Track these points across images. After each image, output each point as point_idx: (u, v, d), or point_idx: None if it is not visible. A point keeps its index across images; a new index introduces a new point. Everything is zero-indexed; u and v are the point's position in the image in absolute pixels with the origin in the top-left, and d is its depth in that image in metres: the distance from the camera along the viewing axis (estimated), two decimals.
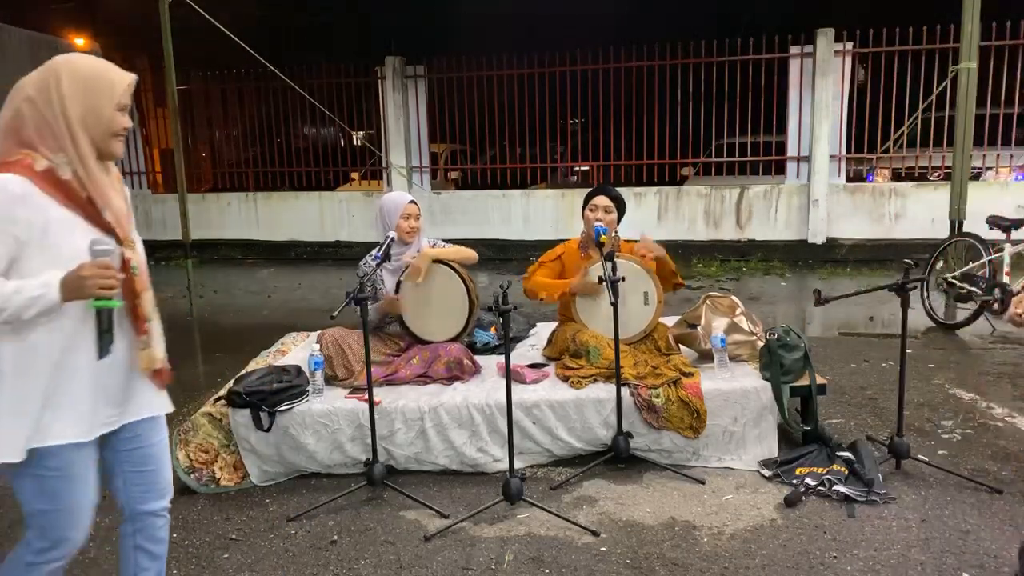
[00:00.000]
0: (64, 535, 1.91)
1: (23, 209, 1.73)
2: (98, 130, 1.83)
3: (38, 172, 1.78)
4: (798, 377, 3.48)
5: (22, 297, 1.71)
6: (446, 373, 3.61)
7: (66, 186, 1.80)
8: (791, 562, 2.66)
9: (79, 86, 1.81)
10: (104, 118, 1.84)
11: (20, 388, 1.79)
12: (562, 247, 3.92)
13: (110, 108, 1.84)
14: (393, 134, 10.64)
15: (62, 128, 1.79)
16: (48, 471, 1.84)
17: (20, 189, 1.73)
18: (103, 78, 1.85)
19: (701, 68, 9.66)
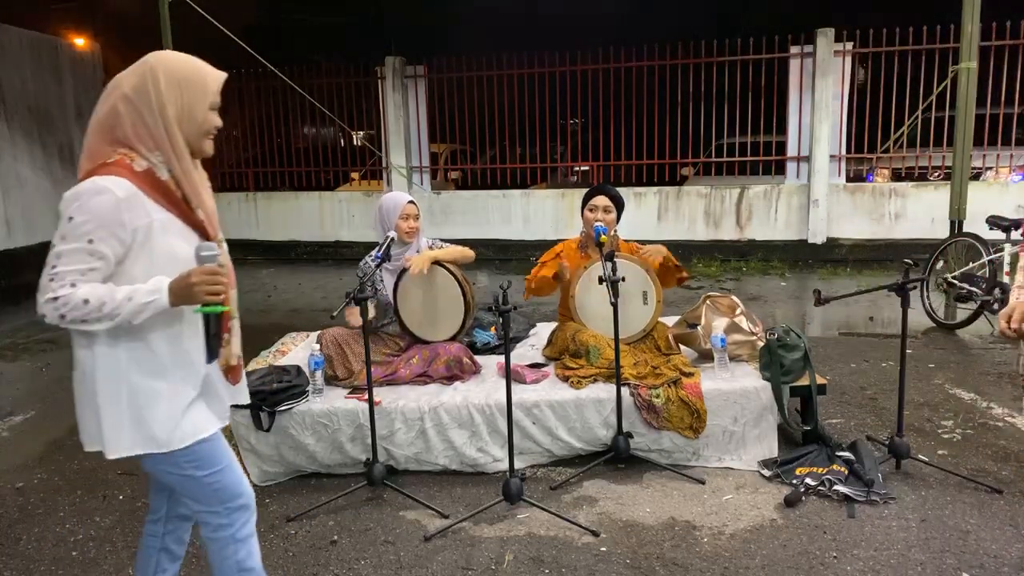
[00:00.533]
0: (241, 487, 1.99)
1: (128, 213, 1.74)
2: (192, 129, 1.85)
3: (138, 173, 1.78)
4: (798, 377, 3.48)
5: (134, 303, 1.74)
6: (446, 372, 3.61)
7: (165, 187, 1.81)
8: (791, 562, 2.66)
9: (175, 85, 1.82)
10: (199, 117, 1.86)
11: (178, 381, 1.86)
12: (560, 246, 3.92)
13: (204, 107, 1.86)
14: (393, 134, 10.64)
15: (160, 127, 1.80)
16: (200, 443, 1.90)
17: (125, 192, 1.74)
18: (198, 77, 1.86)
19: (701, 68, 9.66)
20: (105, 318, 1.73)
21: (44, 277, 1.73)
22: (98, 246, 1.73)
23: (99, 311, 1.72)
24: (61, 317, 1.72)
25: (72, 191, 1.75)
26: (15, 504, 3.39)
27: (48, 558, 2.91)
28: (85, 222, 1.71)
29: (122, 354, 1.82)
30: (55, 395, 5.00)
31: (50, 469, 3.77)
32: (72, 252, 1.72)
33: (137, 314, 1.75)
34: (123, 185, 1.74)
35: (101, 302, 1.72)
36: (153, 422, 1.83)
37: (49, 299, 1.71)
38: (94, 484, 3.56)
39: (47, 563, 2.88)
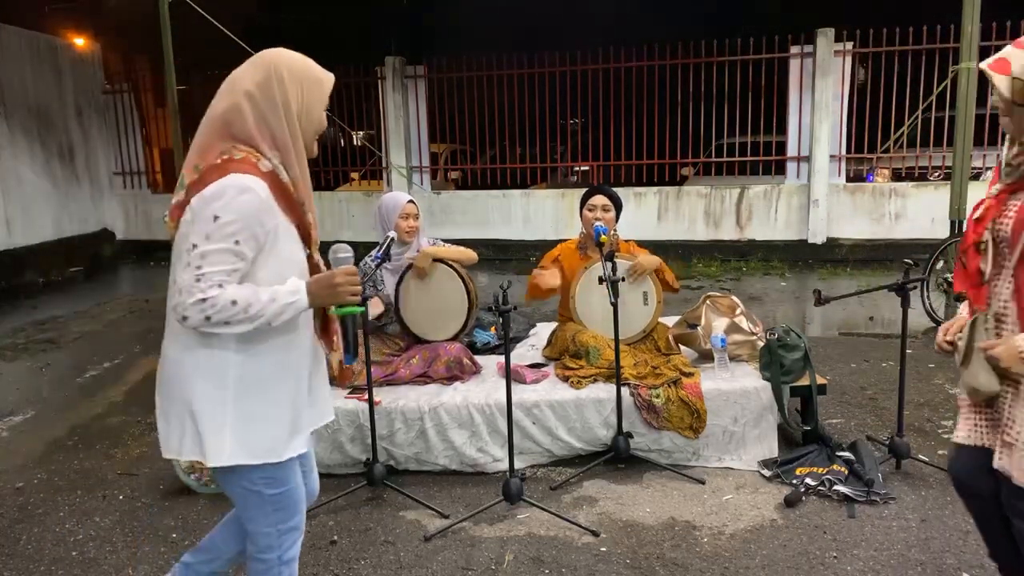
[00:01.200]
0: (299, 512, 1.96)
1: (267, 215, 1.74)
2: (310, 128, 1.85)
3: (264, 173, 1.76)
4: (798, 377, 3.48)
5: (277, 304, 1.73)
6: (446, 373, 3.61)
7: (286, 189, 1.80)
8: (791, 562, 2.66)
9: (297, 83, 1.81)
10: (315, 117, 1.85)
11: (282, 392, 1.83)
12: (559, 249, 3.92)
13: (320, 107, 1.86)
14: (393, 134, 10.64)
15: (283, 125, 1.78)
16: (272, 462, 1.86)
17: (265, 193, 1.73)
18: (316, 76, 1.85)
19: (701, 68, 9.65)
20: (249, 320, 1.71)
21: (187, 277, 1.68)
22: (243, 247, 1.70)
23: (245, 312, 1.70)
24: (207, 319, 1.68)
25: (213, 189, 1.69)
26: (15, 504, 3.39)
27: (48, 558, 2.91)
28: (232, 222, 1.68)
29: (231, 359, 1.78)
30: (55, 395, 5.00)
31: (50, 469, 3.77)
32: (219, 252, 1.68)
33: (279, 315, 1.74)
34: (262, 186, 1.73)
35: (248, 303, 1.70)
36: (252, 433, 1.80)
37: (198, 300, 1.67)
38: (94, 484, 3.56)
39: (47, 563, 2.88)
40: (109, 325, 7.06)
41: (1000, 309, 1.87)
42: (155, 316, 7.44)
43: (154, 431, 4.20)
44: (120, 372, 5.45)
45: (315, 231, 1.89)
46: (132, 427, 4.30)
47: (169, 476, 3.45)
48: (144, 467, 3.72)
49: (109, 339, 6.51)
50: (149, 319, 7.28)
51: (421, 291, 3.66)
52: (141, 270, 10.43)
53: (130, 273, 10.32)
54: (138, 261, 10.91)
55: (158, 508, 3.27)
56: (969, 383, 1.93)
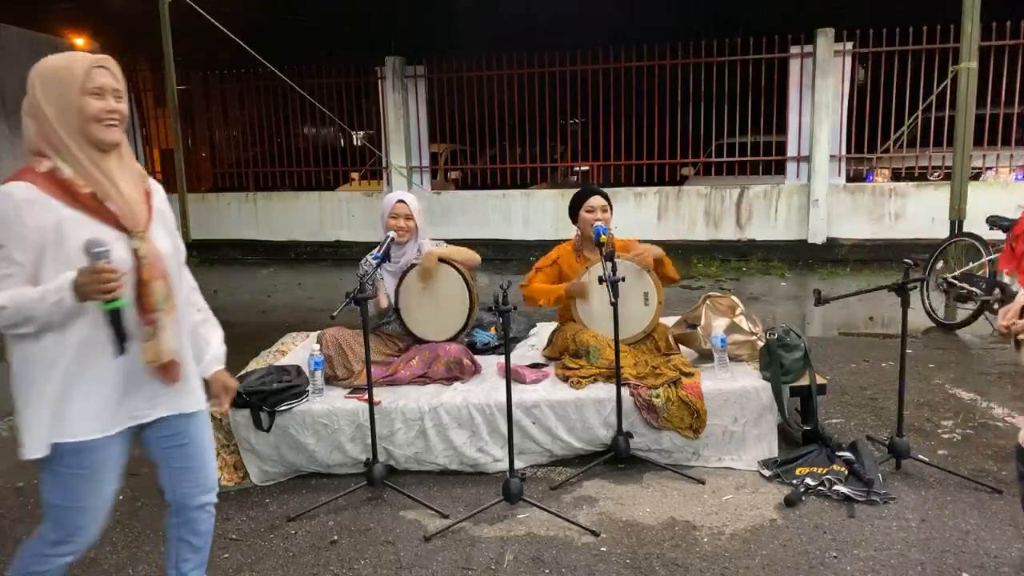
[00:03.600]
0: (77, 530, 1.93)
1: (31, 215, 1.75)
2: (73, 120, 1.82)
3: (41, 174, 1.80)
4: (798, 377, 3.48)
5: (46, 303, 1.74)
6: (446, 373, 3.60)
7: (67, 184, 1.81)
8: (791, 562, 2.66)
9: (48, 84, 1.83)
10: (73, 107, 1.82)
11: (39, 386, 1.82)
12: (556, 251, 3.92)
13: (75, 93, 1.82)
14: (393, 134, 10.64)
15: (47, 127, 1.82)
16: (67, 468, 1.87)
17: (25, 195, 1.75)
18: (64, 68, 1.84)
19: (701, 68, 9.66)
20: (27, 321, 1.74)
21: None
22: (9, 250, 1.74)
23: (18, 314, 1.73)
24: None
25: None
26: (15, 504, 3.39)
27: None
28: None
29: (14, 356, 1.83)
30: None
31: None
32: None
33: (53, 313, 1.75)
34: (22, 188, 1.76)
35: (18, 306, 1.73)
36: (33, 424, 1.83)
37: None
38: None
39: None
40: None
41: None
42: None
43: None
44: None
45: (127, 219, 1.85)
46: None
47: None
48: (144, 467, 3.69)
49: None
50: None
51: (423, 291, 3.66)
52: None
53: None
54: None
55: (158, 508, 3.27)
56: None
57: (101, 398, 1.86)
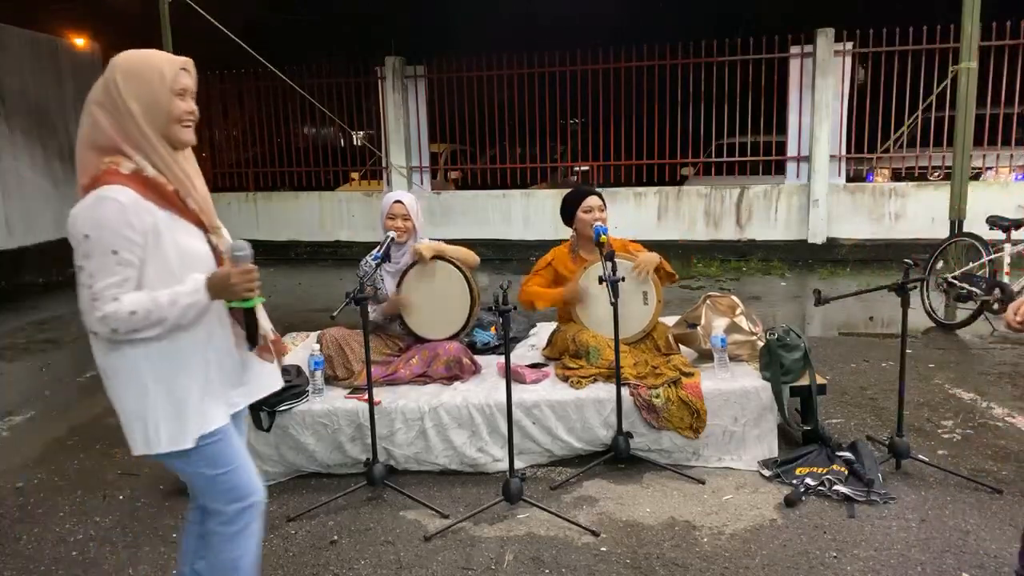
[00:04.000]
0: (251, 487, 2.02)
1: (135, 217, 1.77)
2: (160, 119, 1.85)
3: (129, 176, 1.81)
4: (798, 377, 3.48)
5: (179, 307, 1.79)
6: (446, 372, 3.60)
7: (154, 183, 1.84)
8: (791, 562, 2.66)
9: (133, 80, 1.83)
10: (163, 107, 1.85)
11: (184, 382, 1.87)
12: (551, 254, 3.92)
13: (165, 94, 1.85)
14: (393, 134, 10.64)
15: (130, 125, 1.82)
16: (212, 440, 1.92)
17: (126, 197, 1.77)
18: (153, 67, 1.86)
19: (701, 68, 9.65)
20: (153, 325, 1.78)
21: (84, 299, 1.76)
22: (123, 255, 1.76)
23: (147, 319, 1.76)
24: (114, 331, 1.77)
25: (76, 209, 1.78)
26: (15, 504, 3.39)
27: (48, 558, 2.91)
28: (100, 235, 1.74)
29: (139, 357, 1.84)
30: (55, 395, 5.00)
31: (50, 469, 3.77)
32: (102, 268, 1.74)
33: (184, 315, 1.80)
34: (122, 191, 1.77)
35: (147, 310, 1.76)
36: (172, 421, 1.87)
37: (98, 319, 1.75)
38: (94, 484, 3.56)
39: (47, 563, 2.88)
40: None
41: None
42: None
43: None
44: None
45: (205, 216, 1.93)
46: None
47: (169, 476, 3.45)
48: (144, 467, 3.72)
49: None
50: None
51: (423, 289, 3.66)
52: None
53: None
54: None
55: (158, 508, 3.27)
56: None
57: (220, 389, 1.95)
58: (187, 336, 1.87)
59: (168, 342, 1.84)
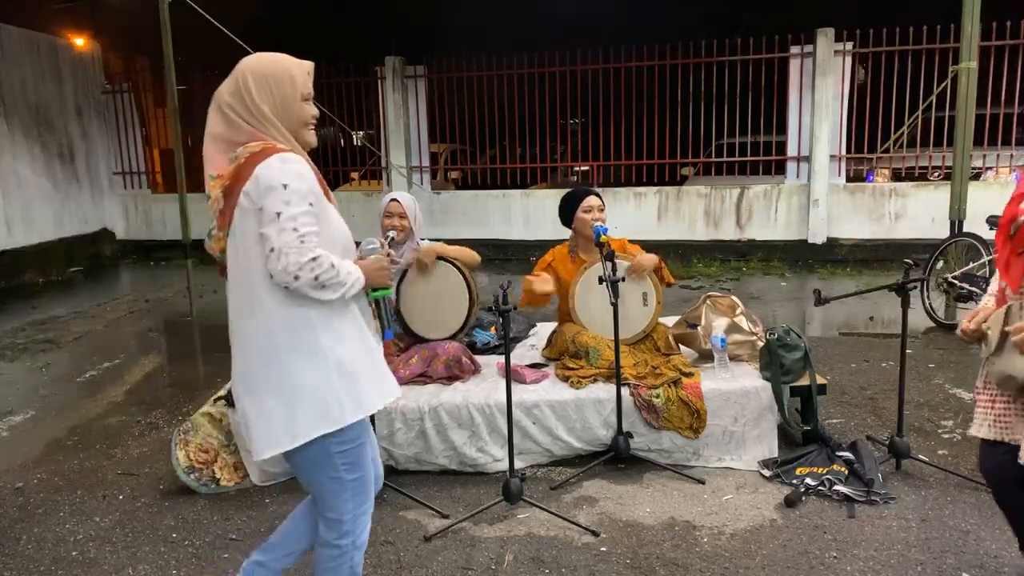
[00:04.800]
0: (369, 498, 2.02)
1: (313, 181, 1.83)
2: (291, 121, 1.90)
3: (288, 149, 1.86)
4: (798, 377, 3.48)
5: (352, 277, 1.84)
6: (445, 372, 3.61)
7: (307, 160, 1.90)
8: (791, 562, 2.66)
9: (264, 85, 1.87)
10: (294, 109, 1.90)
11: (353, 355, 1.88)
12: (551, 254, 3.91)
13: (296, 99, 1.91)
14: (393, 134, 10.64)
15: (265, 125, 1.86)
16: (355, 441, 1.94)
17: (305, 163, 1.85)
18: (283, 71, 1.90)
19: (701, 68, 9.65)
20: (339, 285, 1.81)
21: (289, 239, 1.74)
22: (316, 207, 1.81)
23: (337, 277, 1.79)
24: (315, 279, 1.76)
25: (266, 165, 1.78)
26: (15, 504, 3.39)
27: (48, 558, 2.91)
28: (298, 186, 1.78)
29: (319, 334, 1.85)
30: (55, 395, 5.00)
31: (50, 469, 3.77)
32: (304, 214, 1.77)
33: (351, 288, 1.85)
34: (298, 158, 1.83)
35: (338, 269, 1.80)
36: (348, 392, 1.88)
37: (310, 259, 1.74)
38: (94, 484, 3.56)
39: (47, 563, 2.88)
40: (109, 325, 7.06)
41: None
42: (155, 316, 7.44)
43: (154, 431, 4.21)
44: (120, 372, 5.45)
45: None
46: (132, 427, 4.30)
47: (169, 476, 3.45)
48: (144, 467, 3.72)
49: (109, 339, 6.51)
50: (149, 319, 7.29)
51: (422, 288, 3.66)
52: (141, 270, 10.43)
53: (130, 273, 10.32)
54: (138, 261, 10.91)
55: (158, 508, 3.27)
56: (1004, 371, 1.93)
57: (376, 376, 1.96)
58: (352, 313, 1.90)
59: (339, 314, 1.86)
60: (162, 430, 4.20)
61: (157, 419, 4.39)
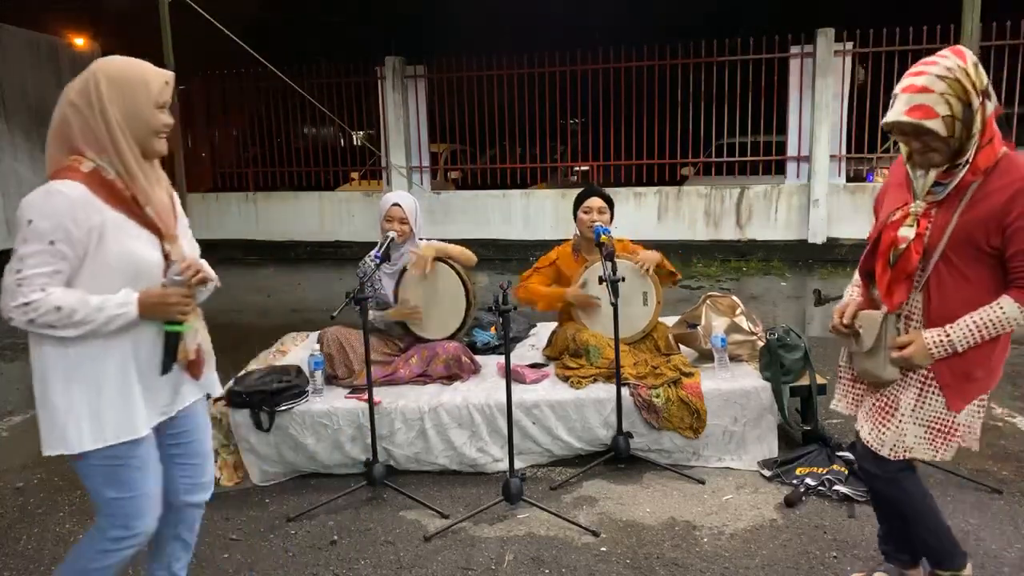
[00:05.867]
0: (137, 521, 1.96)
1: (82, 212, 1.78)
2: (140, 129, 1.87)
3: (86, 174, 1.83)
4: (798, 377, 3.48)
5: (104, 315, 1.80)
6: (445, 372, 3.61)
7: (112, 185, 1.85)
8: (791, 562, 2.66)
9: (116, 87, 1.84)
10: (144, 117, 1.87)
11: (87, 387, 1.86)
12: (555, 252, 3.92)
13: (149, 107, 1.88)
14: (393, 134, 10.64)
15: (103, 130, 1.83)
16: (115, 460, 1.90)
17: (76, 193, 1.79)
18: (138, 78, 1.87)
19: (701, 68, 9.66)
20: (75, 326, 1.78)
21: (10, 281, 1.76)
22: (59, 247, 1.77)
23: (69, 318, 1.77)
24: (30, 322, 1.77)
25: (27, 197, 1.79)
26: (15, 504, 3.39)
27: (48, 558, 2.91)
28: (43, 224, 1.75)
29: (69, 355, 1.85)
30: None
31: (50, 469, 3.76)
32: (36, 254, 1.76)
33: (107, 324, 1.81)
34: (73, 186, 1.79)
35: (72, 310, 1.77)
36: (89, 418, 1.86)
37: (20, 304, 1.76)
38: None
39: (47, 563, 2.87)
40: None
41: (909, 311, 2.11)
42: None
43: None
44: None
45: (163, 224, 1.92)
46: None
47: None
48: None
49: None
50: None
51: (420, 289, 3.66)
52: None
53: None
54: None
55: None
56: (872, 372, 2.15)
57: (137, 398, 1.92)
58: (107, 344, 1.86)
59: (85, 346, 1.84)
60: None
61: None
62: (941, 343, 2.01)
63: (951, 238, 1.98)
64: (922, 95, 1.93)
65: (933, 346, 2.02)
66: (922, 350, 2.03)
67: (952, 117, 1.91)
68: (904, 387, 2.12)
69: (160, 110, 1.90)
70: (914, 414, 2.10)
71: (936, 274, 2.03)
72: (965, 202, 1.97)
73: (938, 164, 2.00)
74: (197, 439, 2.15)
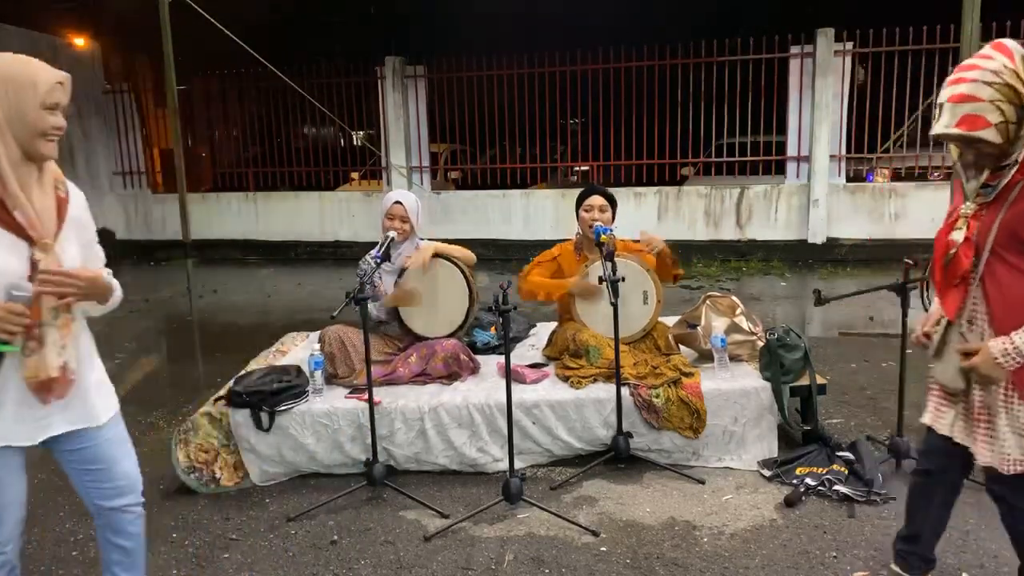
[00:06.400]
0: None
1: None
2: (23, 130, 1.77)
3: None
4: (798, 377, 3.48)
5: None
6: (444, 370, 3.61)
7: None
8: (791, 562, 2.66)
9: (4, 87, 1.76)
10: (28, 118, 1.77)
11: None
12: (558, 248, 3.92)
13: (35, 108, 1.78)
14: (393, 134, 10.64)
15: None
16: None
17: None
18: (26, 78, 1.78)
19: (701, 68, 9.66)
20: None
21: None
22: None
23: None
24: None
25: None
26: None
27: (48, 558, 2.91)
28: None
29: None
30: None
31: (50, 469, 3.76)
32: None
33: None
34: None
35: None
36: None
37: None
38: None
39: (47, 563, 2.88)
40: (109, 325, 7.06)
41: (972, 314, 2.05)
42: (155, 316, 7.44)
43: (154, 431, 4.21)
44: (120, 372, 5.45)
45: (34, 230, 1.80)
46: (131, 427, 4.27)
47: (169, 476, 3.45)
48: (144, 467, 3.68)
49: (109, 339, 6.50)
50: (149, 319, 7.29)
51: (422, 286, 3.66)
52: (141, 270, 10.43)
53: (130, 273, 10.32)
54: (138, 261, 10.92)
55: (158, 508, 3.27)
56: (940, 379, 2.13)
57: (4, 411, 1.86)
58: None
59: None
60: (162, 430, 4.20)
61: (157, 419, 4.39)
62: (1007, 352, 1.93)
63: (997, 235, 1.94)
64: (968, 104, 1.88)
65: (1000, 355, 1.94)
66: (988, 360, 1.95)
67: (1006, 123, 1.86)
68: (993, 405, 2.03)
69: (49, 112, 1.80)
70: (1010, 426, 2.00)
71: (989, 271, 1.97)
72: (1011, 199, 1.93)
73: (990, 167, 1.97)
74: (95, 443, 2.09)
